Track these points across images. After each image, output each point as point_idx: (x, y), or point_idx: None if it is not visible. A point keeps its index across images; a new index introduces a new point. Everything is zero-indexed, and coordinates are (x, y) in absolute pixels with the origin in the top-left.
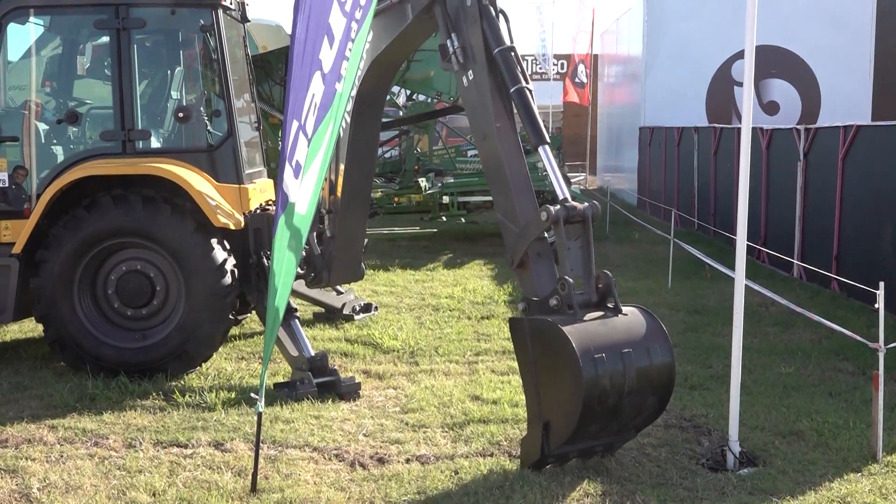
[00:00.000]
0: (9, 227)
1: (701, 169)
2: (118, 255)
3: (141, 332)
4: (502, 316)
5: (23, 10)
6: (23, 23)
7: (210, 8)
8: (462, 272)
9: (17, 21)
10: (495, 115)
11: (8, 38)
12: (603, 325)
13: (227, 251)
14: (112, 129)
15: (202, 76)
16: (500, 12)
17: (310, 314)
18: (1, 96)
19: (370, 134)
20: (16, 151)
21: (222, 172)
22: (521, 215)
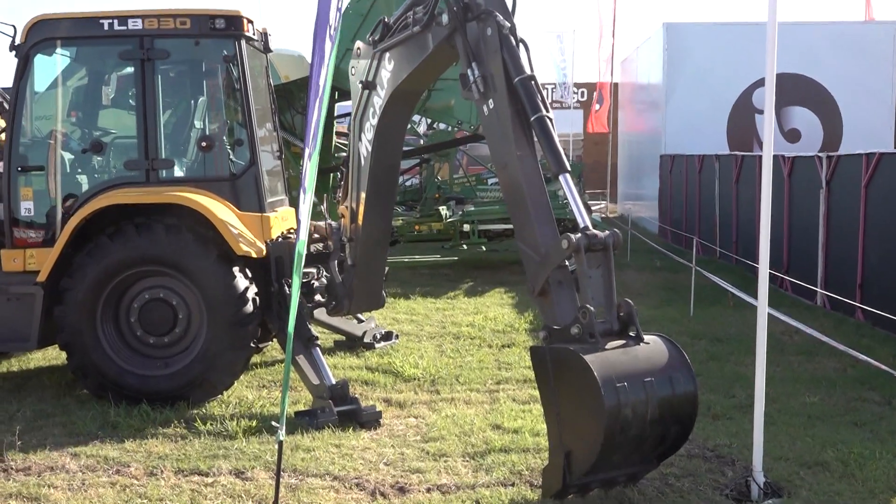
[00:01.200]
0: (34, 256)
1: (722, 197)
2: (141, 284)
3: (163, 359)
4: (523, 344)
5: (50, 42)
6: (49, 54)
7: (233, 39)
8: (483, 300)
9: (45, 52)
10: (516, 143)
11: (35, 68)
12: (625, 353)
13: (248, 279)
14: (136, 159)
15: (225, 106)
16: (521, 41)
17: (331, 342)
18: (27, 126)
19: (391, 162)
20: (41, 180)
21: (244, 201)
22: (542, 243)
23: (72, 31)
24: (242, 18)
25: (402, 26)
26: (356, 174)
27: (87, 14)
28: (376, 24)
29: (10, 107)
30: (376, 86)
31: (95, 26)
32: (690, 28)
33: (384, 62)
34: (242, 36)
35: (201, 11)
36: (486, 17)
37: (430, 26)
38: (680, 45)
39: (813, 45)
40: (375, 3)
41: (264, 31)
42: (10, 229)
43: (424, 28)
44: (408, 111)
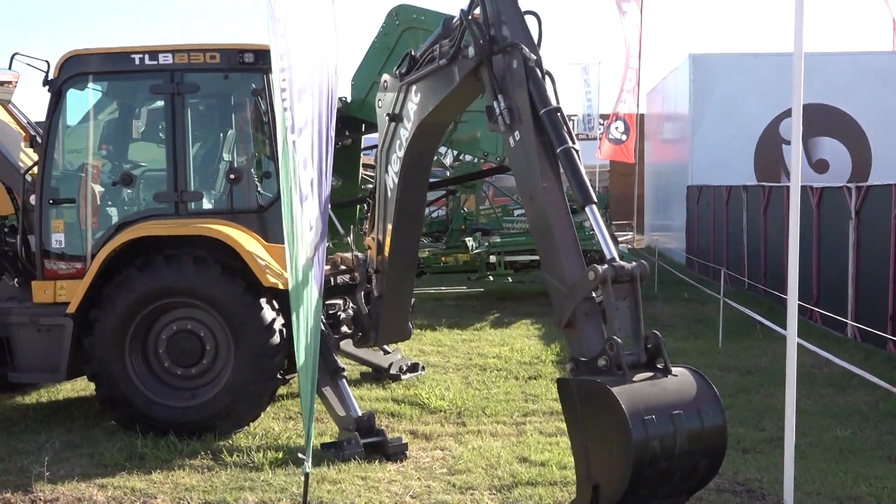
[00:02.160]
0: (64, 287)
1: (750, 228)
2: (169, 315)
3: (190, 390)
4: (550, 376)
5: (82, 77)
6: (82, 88)
7: (262, 72)
8: (509, 332)
9: (77, 87)
10: (542, 175)
11: (68, 103)
12: (652, 386)
13: (275, 311)
14: (165, 191)
15: (253, 138)
16: (547, 73)
17: (357, 374)
18: (59, 160)
19: (417, 194)
20: (72, 213)
21: (272, 233)
22: (569, 275)
23: (104, 66)
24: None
25: (428, 59)
26: (383, 206)
27: (118, 49)
28: (403, 57)
29: (42, 141)
30: (403, 118)
31: (127, 61)
32: (717, 59)
33: (411, 95)
34: (271, 70)
35: (230, 46)
36: (511, 50)
37: (456, 59)
38: (706, 77)
39: (840, 75)
40: (402, 36)
41: None
42: (42, 261)
43: (451, 61)
44: (434, 143)
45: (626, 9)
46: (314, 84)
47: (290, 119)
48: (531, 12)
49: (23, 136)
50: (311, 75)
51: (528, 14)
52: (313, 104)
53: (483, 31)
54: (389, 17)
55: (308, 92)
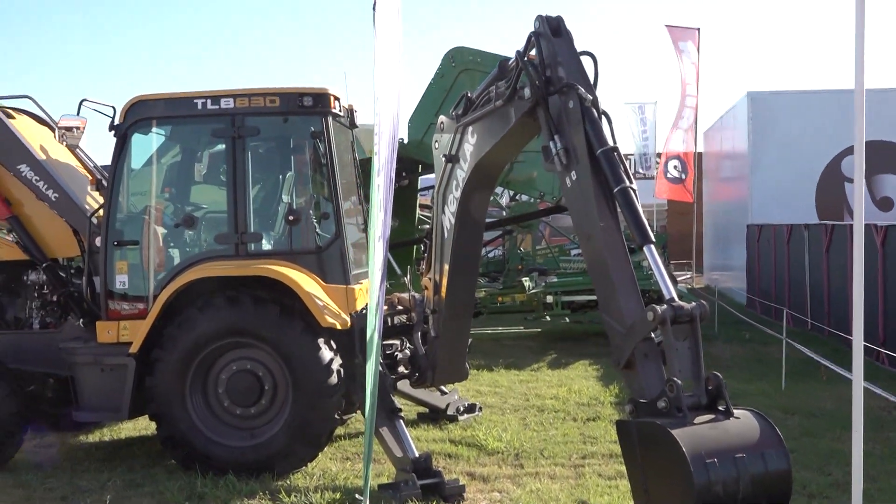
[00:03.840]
0: (127, 328)
1: (813, 267)
2: (229, 355)
3: (249, 430)
4: (609, 418)
5: (146, 121)
6: (146, 133)
7: (320, 115)
8: (567, 372)
9: (141, 131)
10: (599, 214)
11: (132, 147)
12: (714, 428)
13: (333, 351)
14: (226, 233)
15: (312, 180)
16: (603, 113)
17: (414, 414)
18: (124, 202)
19: (474, 234)
20: (136, 255)
21: (330, 273)
22: (627, 315)
23: (167, 111)
24: (329, 96)
25: (484, 100)
26: (439, 246)
27: (181, 94)
28: (459, 98)
29: (108, 184)
30: (459, 159)
31: (190, 106)
32: (775, 97)
33: (467, 136)
34: (329, 113)
35: (290, 90)
36: (568, 91)
37: (512, 100)
38: (765, 114)
39: None
40: (458, 78)
41: (350, 108)
42: (106, 302)
43: (507, 102)
44: (490, 184)
45: (682, 48)
46: (389, 127)
47: (378, 162)
48: (587, 53)
49: (89, 179)
50: (388, 119)
51: (584, 54)
52: (387, 147)
53: (539, 71)
54: (446, 60)
55: (385, 135)
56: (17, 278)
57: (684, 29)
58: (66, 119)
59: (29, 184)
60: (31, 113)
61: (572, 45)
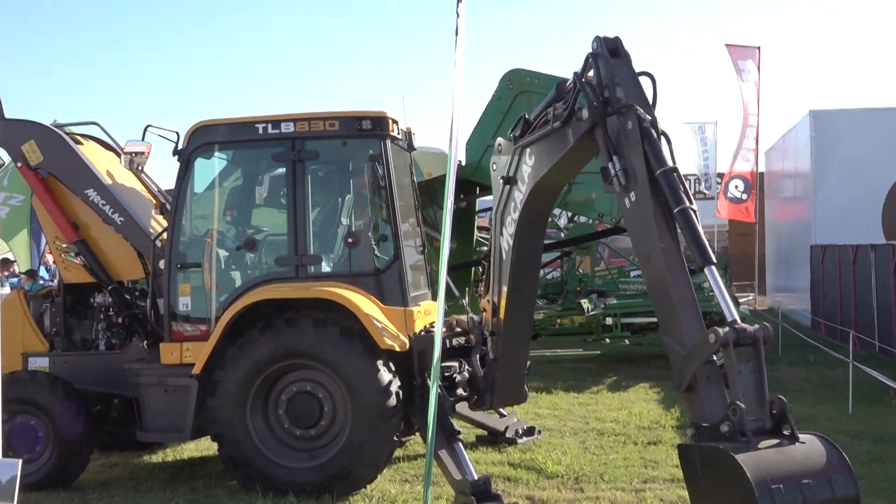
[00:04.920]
0: (190, 349)
1: (880, 288)
2: (289, 376)
3: (309, 451)
4: (670, 442)
5: (209, 146)
6: (208, 157)
7: (379, 139)
8: (627, 395)
9: (204, 156)
10: (659, 236)
11: (195, 171)
12: (779, 453)
13: (392, 373)
14: (286, 255)
15: (370, 203)
16: (662, 133)
17: (472, 437)
18: (187, 226)
19: (532, 256)
20: (198, 277)
21: (388, 295)
22: (688, 337)
23: (229, 136)
24: (388, 119)
25: (542, 122)
26: (497, 268)
27: (243, 119)
28: (517, 120)
29: (171, 207)
30: (517, 181)
31: (251, 130)
32: (838, 115)
33: (525, 157)
34: (387, 136)
35: (349, 114)
36: (626, 111)
37: (570, 121)
38: (828, 133)
39: None
40: (516, 100)
41: (408, 131)
42: (169, 323)
43: (565, 123)
44: (548, 205)
45: (743, 66)
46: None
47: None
48: (646, 73)
49: (154, 203)
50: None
51: (643, 75)
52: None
53: (597, 93)
54: (503, 82)
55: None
56: (85, 301)
57: (744, 48)
58: (132, 144)
59: (96, 208)
60: (98, 139)
61: (630, 66)
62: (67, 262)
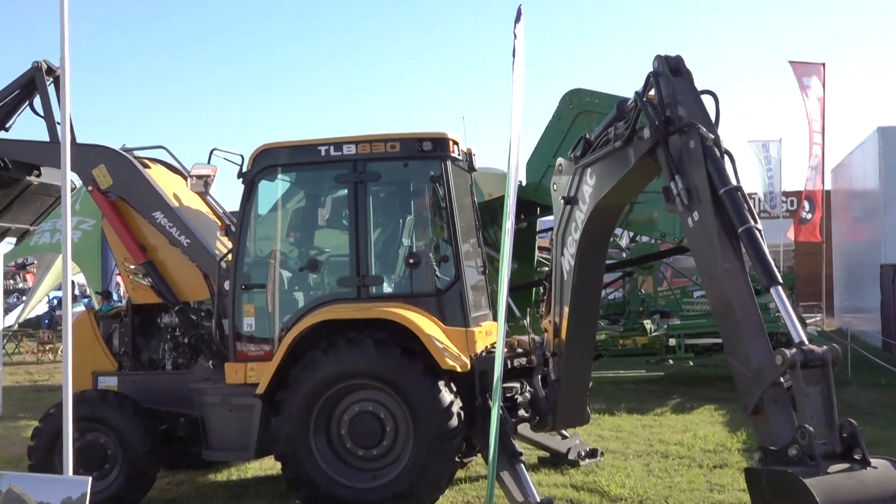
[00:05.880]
0: (254, 369)
1: None
2: (351, 396)
3: (371, 472)
4: (737, 465)
5: (272, 168)
6: (272, 180)
7: (440, 160)
8: (692, 417)
9: (267, 178)
10: (723, 255)
11: (259, 193)
12: (850, 478)
13: (453, 393)
14: (348, 276)
15: (431, 223)
16: (725, 152)
17: (534, 458)
18: (251, 247)
19: (594, 276)
20: (262, 298)
21: (450, 316)
22: (755, 359)
23: (292, 158)
24: (448, 140)
25: (603, 142)
26: (559, 288)
27: (306, 142)
28: (577, 140)
29: (236, 229)
30: (578, 201)
31: (313, 152)
32: None
33: (586, 177)
34: (448, 157)
35: (410, 135)
36: (688, 130)
37: (631, 141)
38: None
39: None
40: (576, 120)
41: (469, 151)
42: (234, 343)
43: (626, 143)
44: (610, 225)
45: (807, 83)
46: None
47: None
48: (708, 91)
49: (219, 225)
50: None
51: (705, 93)
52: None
53: (658, 112)
54: (563, 102)
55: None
56: (152, 321)
57: (809, 64)
58: (198, 168)
59: (163, 230)
60: (165, 162)
61: (692, 84)
62: (136, 283)
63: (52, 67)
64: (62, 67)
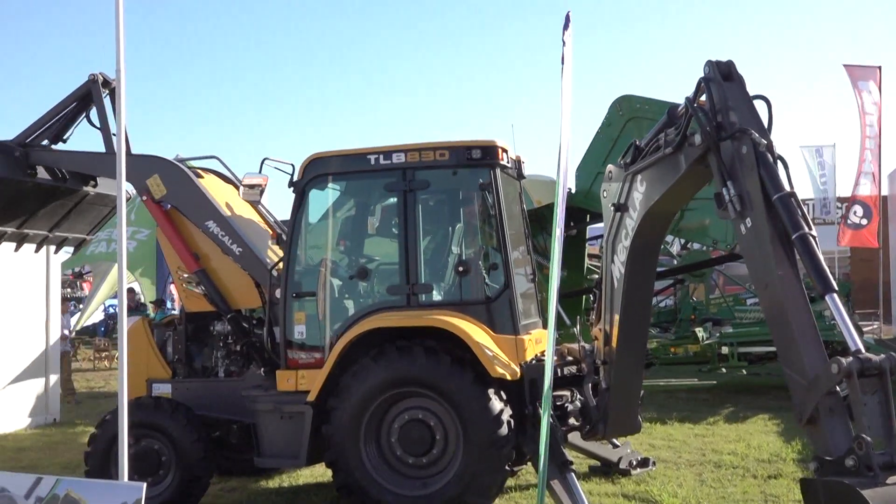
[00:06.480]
0: (305, 376)
1: None
2: (401, 404)
3: (421, 479)
4: (792, 476)
5: (323, 177)
6: (322, 188)
7: (489, 168)
8: (745, 427)
9: (318, 187)
10: (777, 262)
11: (310, 202)
12: None
13: (503, 401)
14: (398, 284)
15: (480, 231)
16: (778, 157)
17: (585, 467)
18: (302, 255)
19: (645, 283)
20: (312, 305)
21: (499, 323)
22: (810, 367)
23: (342, 167)
24: (497, 148)
25: (653, 148)
26: (609, 296)
27: (356, 151)
28: (627, 147)
29: (287, 238)
30: (628, 208)
31: (363, 161)
32: None
33: (636, 184)
34: (497, 164)
35: (459, 143)
36: (740, 136)
37: (682, 147)
38: None
39: None
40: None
41: (518, 159)
42: (285, 351)
43: (677, 149)
44: (661, 232)
45: (863, 87)
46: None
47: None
48: (760, 96)
49: (270, 233)
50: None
51: (757, 98)
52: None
53: (710, 117)
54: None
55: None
56: (205, 329)
57: (864, 68)
58: (250, 177)
59: (215, 239)
60: (217, 172)
61: (744, 89)
62: (189, 291)
63: (107, 80)
64: (118, 80)
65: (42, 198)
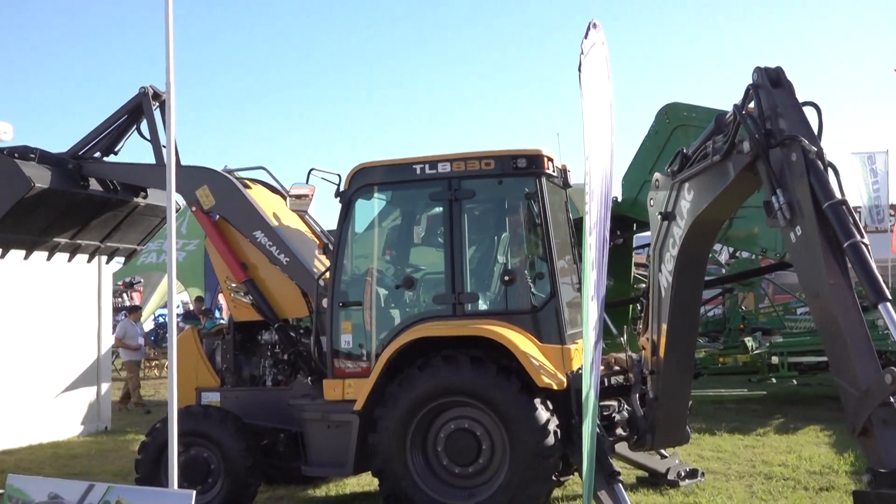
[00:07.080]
0: (351, 385)
1: None
2: (447, 414)
3: (468, 489)
4: (844, 488)
5: (369, 187)
6: (368, 198)
7: (535, 177)
8: (796, 438)
9: (364, 197)
10: (828, 271)
11: (356, 212)
12: None
13: (550, 411)
14: (444, 293)
15: (526, 240)
16: (829, 165)
17: (633, 478)
18: (348, 265)
19: (693, 292)
20: (359, 315)
21: (545, 333)
22: (862, 378)
23: (388, 177)
24: (543, 157)
25: (701, 156)
26: (657, 305)
27: (402, 161)
28: (675, 155)
29: (333, 248)
30: (676, 216)
31: (409, 171)
32: None
33: (683, 192)
34: (543, 173)
35: (504, 152)
36: (790, 143)
37: (730, 155)
38: None
39: None
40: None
41: (564, 168)
42: (332, 360)
43: (725, 157)
44: (709, 241)
45: None
46: (600, 186)
47: (589, 221)
48: (810, 103)
49: (317, 243)
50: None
51: (807, 105)
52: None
53: (758, 124)
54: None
55: (596, 194)
56: (253, 338)
57: None
58: (297, 188)
59: (263, 249)
60: (265, 183)
61: (793, 96)
62: (237, 300)
63: (157, 92)
64: (167, 93)
65: (94, 209)
